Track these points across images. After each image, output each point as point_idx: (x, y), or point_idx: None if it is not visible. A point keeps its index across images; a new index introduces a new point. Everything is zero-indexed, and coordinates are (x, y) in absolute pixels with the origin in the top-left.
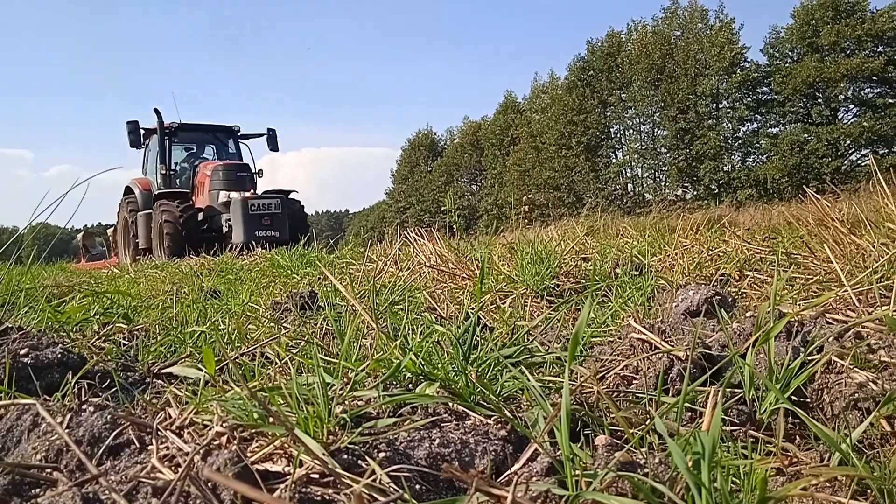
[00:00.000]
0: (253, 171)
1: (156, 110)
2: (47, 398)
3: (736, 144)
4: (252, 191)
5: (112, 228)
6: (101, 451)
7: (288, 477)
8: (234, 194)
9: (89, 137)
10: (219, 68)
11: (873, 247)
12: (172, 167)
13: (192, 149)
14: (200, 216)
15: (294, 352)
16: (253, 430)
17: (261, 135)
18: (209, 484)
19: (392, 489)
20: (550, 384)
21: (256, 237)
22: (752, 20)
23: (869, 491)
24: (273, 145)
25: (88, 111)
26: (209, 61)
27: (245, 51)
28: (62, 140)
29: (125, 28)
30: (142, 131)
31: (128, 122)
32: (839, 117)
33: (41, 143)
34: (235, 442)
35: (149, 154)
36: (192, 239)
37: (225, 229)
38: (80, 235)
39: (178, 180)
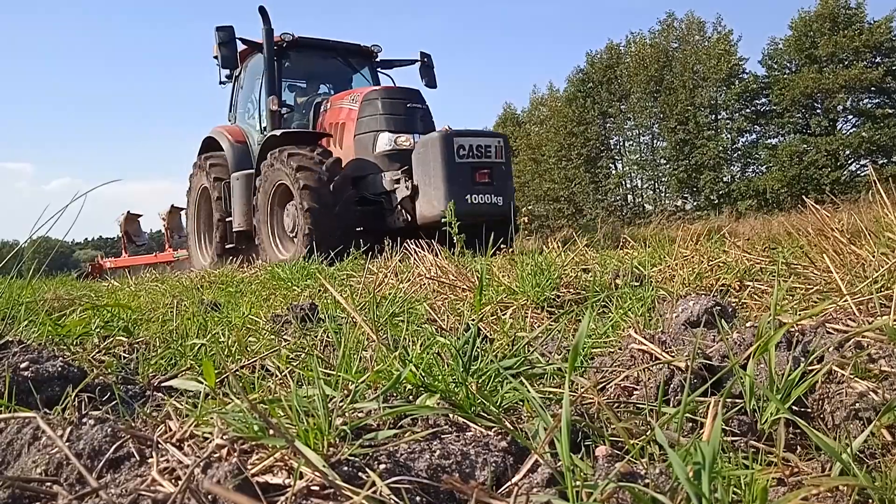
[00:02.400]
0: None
1: (261, 10)
2: (48, 411)
3: (735, 155)
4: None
5: (168, 211)
6: (101, 464)
7: (288, 489)
8: (403, 138)
9: (90, 150)
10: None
11: (873, 257)
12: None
13: (303, 85)
14: None
15: (294, 364)
16: (253, 443)
17: (412, 62)
18: (209, 496)
19: (393, 501)
20: (551, 395)
21: (469, 206)
22: (750, 32)
23: (870, 501)
24: (429, 79)
25: (90, 124)
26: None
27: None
28: (63, 153)
29: (127, 41)
30: (238, 45)
31: (219, 29)
32: (838, 128)
33: (41, 157)
34: (236, 454)
35: (239, 92)
36: (347, 213)
37: (402, 194)
38: (120, 218)
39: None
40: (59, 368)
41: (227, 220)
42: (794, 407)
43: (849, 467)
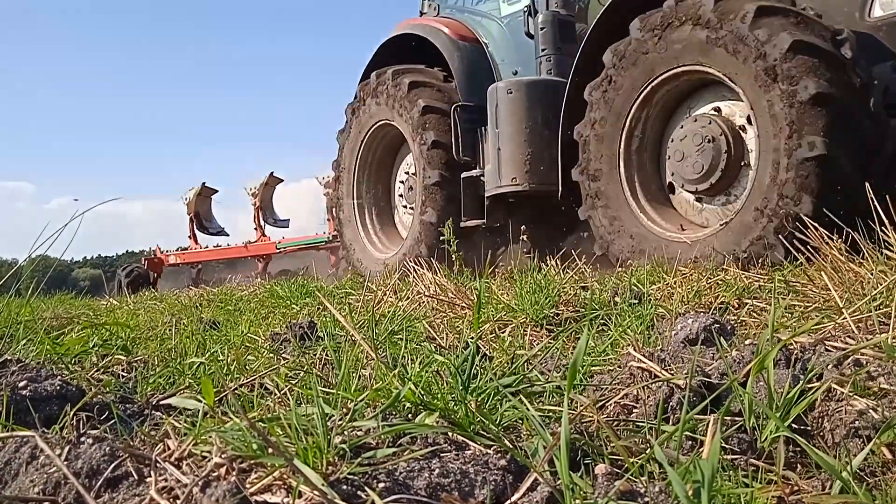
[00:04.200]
0: None
1: None
2: (46, 430)
3: None
4: None
5: (264, 182)
6: (99, 483)
7: None
8: None
9: (90, 170)
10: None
11: (871, 274)
12: None
13: None
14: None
15: (293, 382)
16: (252, 461)
17: None
18: None
19: None
20: (550, 413)
21: None
22: None
23: None
24: None
25: (90, 143)
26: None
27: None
28: (63, 172)
29: (127, 63)
30: None
31: None
32: None
33: (42, 176)
34: (234, 473)
35: None
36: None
37: None
38: (189, 194)
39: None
40: (58, 387)
41: (464, 176)
42: (793, 425)
43: (849, 485)
